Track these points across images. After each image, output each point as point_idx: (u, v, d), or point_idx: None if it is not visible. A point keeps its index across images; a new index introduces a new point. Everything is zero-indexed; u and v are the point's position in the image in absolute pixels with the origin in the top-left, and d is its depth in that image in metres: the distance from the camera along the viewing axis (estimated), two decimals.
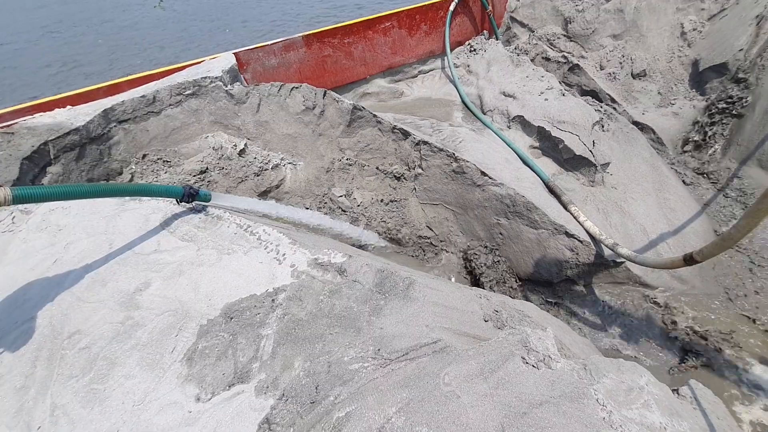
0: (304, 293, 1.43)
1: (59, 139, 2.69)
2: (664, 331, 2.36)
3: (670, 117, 3.67)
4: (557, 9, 4.67)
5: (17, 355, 1.41)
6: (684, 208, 2.97)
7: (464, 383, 1.05)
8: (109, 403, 1.22)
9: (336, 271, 1.48)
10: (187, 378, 1.25)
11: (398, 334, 1.23)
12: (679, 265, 1.96)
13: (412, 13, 4.35)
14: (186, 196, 1.85)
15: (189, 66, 3.47)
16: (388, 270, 1.45)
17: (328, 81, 4.14)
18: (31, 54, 10.18)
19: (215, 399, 1.18)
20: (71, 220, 1.92)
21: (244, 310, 1.41)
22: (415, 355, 1.16)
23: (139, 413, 1.18)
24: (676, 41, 3.95)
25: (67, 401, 1.25)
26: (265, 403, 1.14)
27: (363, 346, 1.22)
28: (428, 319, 1.27)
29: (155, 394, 1.22)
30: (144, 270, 1.63)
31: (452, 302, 1.39)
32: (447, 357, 1.12)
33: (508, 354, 1.08)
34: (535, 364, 1.04)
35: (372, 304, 1.35)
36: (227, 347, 1.30)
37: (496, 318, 1.45)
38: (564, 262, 2.68)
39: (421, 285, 1.39)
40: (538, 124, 3.39)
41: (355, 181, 3.29)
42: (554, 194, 2.93)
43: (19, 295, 1.61)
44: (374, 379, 1.12)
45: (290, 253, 1.60)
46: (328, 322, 1.32)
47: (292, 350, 1.26)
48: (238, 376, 1.23)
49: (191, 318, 1.42)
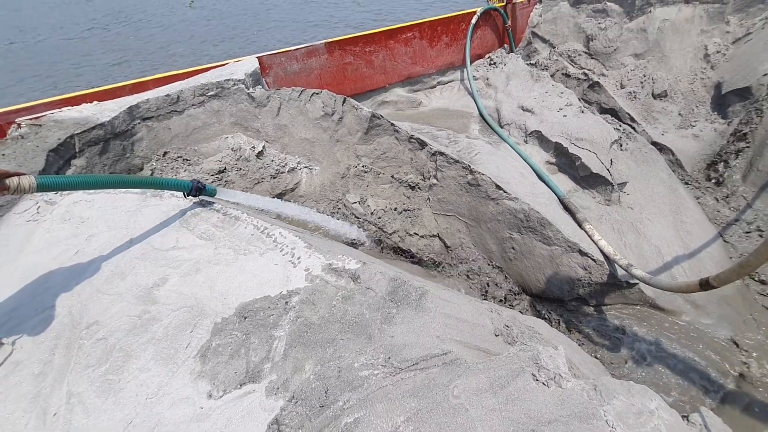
0: (317, 297, 1.45)
1: (85, 133, 2.77)
2: (678, 357, 2.32)
3: (690, 139, 3.64)
4: (579, 26, 4.67)
5: (37, 341, 1.45)
6: (700, 232, 2.93)
7: (473, 397, 1.05)
8: (123, 394, 1.25)
9: (350, 278, 1.50)
10: (200, 374, 1.27)
11: (409, 343, 1.24)
12: (695, 290, 1.94)
13: (434, 24, 4.39)
14: (194, 189, 1.92)
15: (213, 68, 3.55)
16: (401, 279, 1.46)
17: (348, 88, 4.20)
18: (66, 49, 10.56)
19: (226, 397, 1.20)
20: (94, 213, 1.98)
21: (258, 310, 1.43)
22: (425, 366, 1.16)
23: (152, 406, 1.21)
24: (699, 63, 3.92)
25: (83, 390, 1.28)
26: (275, 404, 1.15)
27: (373, 354, 1.23)
28: (439, 330, 1.28)
29: (168, 388, 1.25)
30: (162, 266, 1.66)
31: (463, 315, 1.40)
32: (457, 369, 1.12)
33: (518, 370, 1.08)
34: (546, 382, 1.04)
35: (384, 312, 1.36)
36: (240, 346, 1.33)
37: (507, 333, 1.45)
38: (576, 280, 2.66)
39: (434, 296, 1.40)
40: (556, 140, 3.38)
41: (369, 189, 3.32)
42: (569, 211, 2.92)
43: (41, 283, 1.66)
44: (383, 386, 1.13)
45: (305, 257, 1.62)
46: (339, 328, 1.33)
47: (304, 353, 1.28)
48: (250, 375, 1.24)
49: (206, 315, 1.45)
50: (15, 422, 1.23)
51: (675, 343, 2.40)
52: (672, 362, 2.35)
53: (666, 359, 2.36)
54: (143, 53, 9.51)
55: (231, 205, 2.04)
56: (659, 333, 2.47)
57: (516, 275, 2.93)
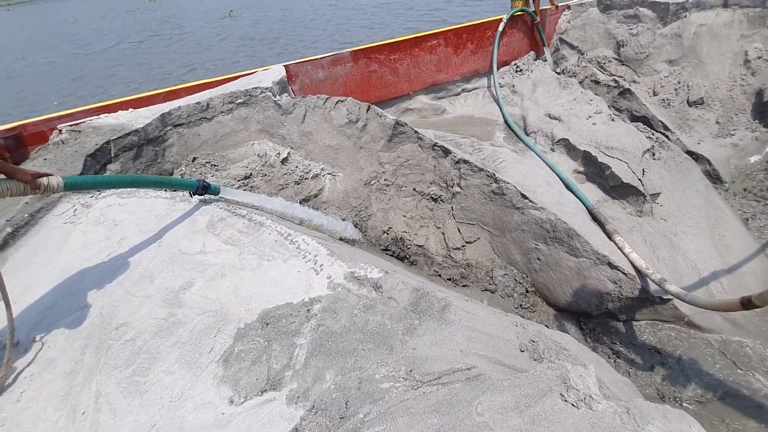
0: (339, 306, 1.44)
1: (120, 139, 2.88)
2: (715, 378, 2.19)
3: (728, 148, 3.47)
4: (610, 32, 4.56)
5: (69, 340, 1.50)
6: (741, 246, 2.78)
7: (498, 415, 1.02)
8: (148, 396, 1.28)
9: (372, 287, 1.49)
10: (222, 379, 1.28)
11: (431, 356, 1.21)
12: (735, 309, 1.82)
13: (459, 32, 4.38)
14: (200, 188, 2.04)
15: (242, 76, 3.64)
16: (424, 290, 1.44)
17: (373, 96, 4.22)
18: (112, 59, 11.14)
19: (248, 403, 1.21)
20: (126, 217, 2.05)
21: (280, 317, 1.44)
22: (448, 380, 1.13)
23: (175, 409, 1.22)
24: (739, 69, 3.75)
25: (111, 390, 1.31)
26: (295, 414, 1.15)
27: (395, 366, 1.21)
28: (463, 344, 1.24)
29: (191, 392, 1.26)
30: (189, 269, 1.70)
31: (488, 328, 1.36)
32: (481, 385, 1.09)
33: (546, 389, 1.04)
34: (575, 403, 1.00)
35: (406, 323, 1.34)
36: (262, 353, 1.33)
37: (533, 349, 1.40)
38: (605, 294, 2.56)
39: (457, 308, 1.37)
40: (584, 148, 3.29)
41: (391, 201, 3.32)
42: (598, 222, 2.82)
43: (75, 283, 1.72)
44: (405, 400, 1.11)
45: (327, 265, 1.62)
46: (361, 338, 1.32)
47: (324, 362, 1.27)
48: (271, 382, 1.25)
49: (230, 320, 1.46)
50: (47, 419, 1.27)
51: (711, 364, 2.27)
52: (708, 383, 2.22)
53: (702, 381, 2.24)
54: (203, 62, 9.87)
55: (256, 211, 2.07)
56: (694, 352, 2.34)
57: (541, 287, 2.85)
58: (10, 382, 1.41)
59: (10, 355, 1.48)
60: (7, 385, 1.41)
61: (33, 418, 1.28)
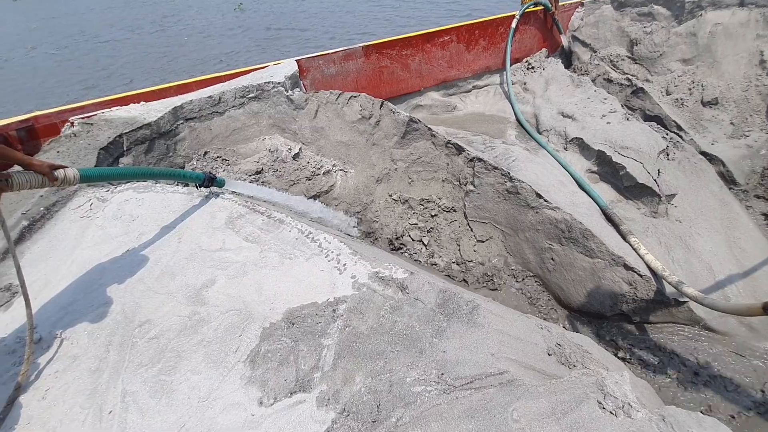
0: (364, 306, 1.43)
1: (132, 132, 2.85)
2: (733, 382, 2.19)
3: (743, 149, 3.45)
4: (623, 30, 4.51)
5: (92, 337, 1.49)
6: (756, 250, 2.77)
7: (534, 422, 1.01)
8: (175, 396, 1.27)
9: (397, 287, 1.48)
10: (250, 380, 1.27)
11: (462, 360, 1.21)
12: (757, 314, 1.81)
13: (472, 28, 4.33)
14: (206, 180, 2.06)
15: (254, 70, 3.60)
16: (451, 291, 1.43)
17: (384, 91, 4.18)
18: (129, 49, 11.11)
19: (277, 405, 1.20)
20: (144, 212, 2.03)
21: (306, 317, 1.43)
22: (481, 385, 1.13)
23: (204, 410, 1.22)
24: (754, 69, 3.72)
25: (137, 389, 1.30)
26: (326, 416, 1.14)
27: (425, 369, 1.20)
28: (494, 348, 1.24)
29: (219, 392, 1.25)
30: (210, 267, 1.68)
31: (516, 331, 1.35)
32: (515, 391, 1.08)
33: (582, 396, 1.03)
34: (613, 411, 0.99)
35: (434, 325, 1.33)
36: (289, 353, 1.32)
37: (560, 353, 1.39)
38: (620, 295, 2.55)
39: (485, 310, 1.36)
40: (599, 147, 3.27)
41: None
42: (612, 223, 2.81)
43: (95, 279, 1.71)
44: (438, 405, 1.10)
45: (351, 264, 1.61)
46: (389, 339, 1.31)
47: (353, 364, 1.26)
48: (300, 384, 1.24)
49: (254, 319, 1.45)
50: (74, 417, 1.27)
51: (728, 368, 2.26)
52: (723, 387, 2.22)
53: (717, 385, 2.23)
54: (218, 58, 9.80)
55: (275, 208, 2.05)
56: (710, 355, 2.34)
57: (554, 287, 2.84)
58: (33, 379, 1.40)
59: (30, 351, 1.47)
60: (31, 382, 1.40)
61: (59, 416, 1.28)
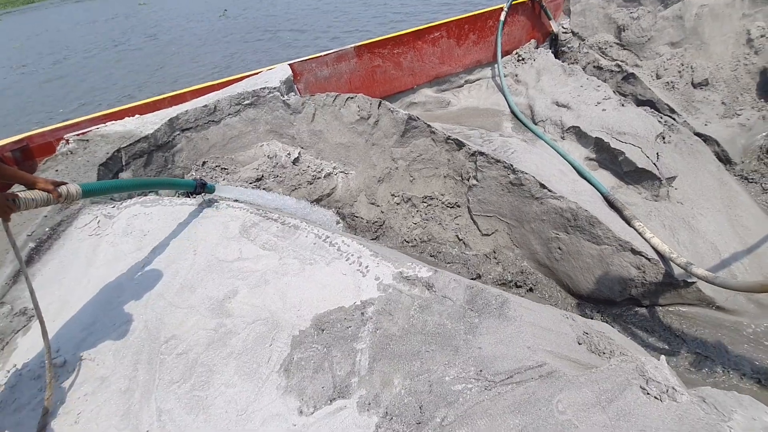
0: (393, 307, 1.43)
1: (130, 146, 2.81)
2: (745, 359, 2.24)
3: (736, 128, 3.51)
4: (610, 17, 4.55)
5: (118, 356, 1.47)
6: (757, 227, 2.82)
7: (580, 412, 1.02)
8: (212, 411, 1.25)
9: (423, 286, 1.48)
10: (286, 389, 1.26)
11: (499, 355, 1.21)
12: None
13: (461, 23, 4.34)
14: (198, 187, 2.09)
15: (247, 77, 3.57)
16: (478, 286, 1.44)
17: (377, 91, 4.18)
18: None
19: (318, 413, 1.19)
20: (154, 226, 2.00)
21: (335, 322, 1.42)
22: (521, 379, 1.14)
23: (244, 423, 1.20)
24: (742, 49, 3.79)
25: (172, 407, 1.28)
26: (369, 421, 1.14)
27: (463, 366, 1.20)
28: (529, 341, 1.25)
29: (257, 404, 1.24)
30: (230, 277, 1.67)
31: (546, 323, 1.36)
32: (557, 383, 1.09)
33: (624, 383, 1.05)
34: (658, 396, 1.00)
35: (466, 321, 1.33)
36: (323, 360, 1.32)
37: (588, 341, 1.41)
38: (629, 280, 2.58)
39: (515, 303, 1.37)
40: (596, 135, 3.30)
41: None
42: (615, 209, 2.84)
43: (113, 297, 1.68)
44: (481, 402, 1.11)
45: (373, 266, 1.60)
46: (422, 339, 1.31)
47: (390, 366, 1.26)
48: (338, 390, 1.23)
49: (282, 328, 1.44)
50: None
51: (738, 345, 2.31)
52: (736, 364, 2.26)
53: (730, 363, 2.28)
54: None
55: (288, 214, 2.03)
56: (720, 334, 2.38)
57: (563, 276, 2.87)
58: (62, 403, 1.38)
59: (50, 375, 1.44)
60: (60, 406, 1.37)
61: None
